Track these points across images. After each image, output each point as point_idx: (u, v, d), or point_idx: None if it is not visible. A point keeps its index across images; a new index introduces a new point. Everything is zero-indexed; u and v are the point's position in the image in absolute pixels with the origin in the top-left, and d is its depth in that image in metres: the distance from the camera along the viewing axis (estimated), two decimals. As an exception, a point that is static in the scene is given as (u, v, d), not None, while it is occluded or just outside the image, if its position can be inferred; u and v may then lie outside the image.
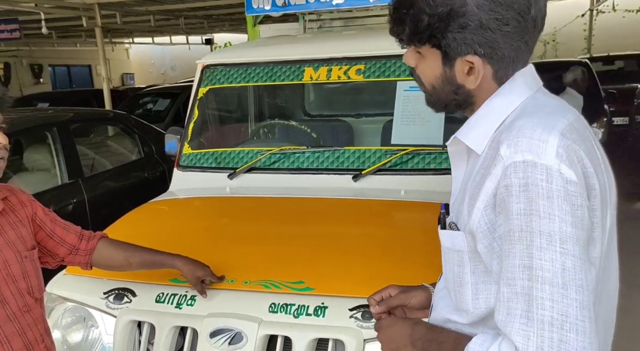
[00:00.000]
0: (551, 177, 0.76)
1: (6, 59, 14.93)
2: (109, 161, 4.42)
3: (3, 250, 1.29)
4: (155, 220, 2.23)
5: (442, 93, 0.94)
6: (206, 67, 2.69)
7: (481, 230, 0.84)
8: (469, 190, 0.89)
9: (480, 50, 0.86)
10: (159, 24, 10.56)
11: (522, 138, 0.79)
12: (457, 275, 0.92)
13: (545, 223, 0.76)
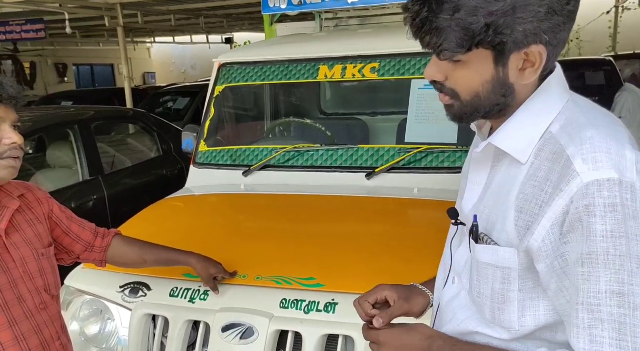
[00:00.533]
0: (636, 196, 0.72)
1: (32, 58, 15.25)
2: (129, 159, 4.50)
3: (20, 248, 1.29)
4: (170, 216, 2.26)
5: (486, 100, 0.83)
6: (222, 66, 2.72)
7: (545, 250, 0.77)
8: (515, 202, 0.81)
9: (545, 38, 0.77)
10: (179, 24, 10.68)
11: (600, 153, 0.73)
12: (499, 292, 0.84)
13: (635, 245, 0.71)
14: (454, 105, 0.86)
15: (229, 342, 1.60)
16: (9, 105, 1.21)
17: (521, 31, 0.76)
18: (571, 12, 0.78)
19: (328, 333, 1.56)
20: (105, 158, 4.25)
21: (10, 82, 1.22)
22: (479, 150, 0.89)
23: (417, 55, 2.30)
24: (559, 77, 0.85)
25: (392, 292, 1.03)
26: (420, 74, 2.30)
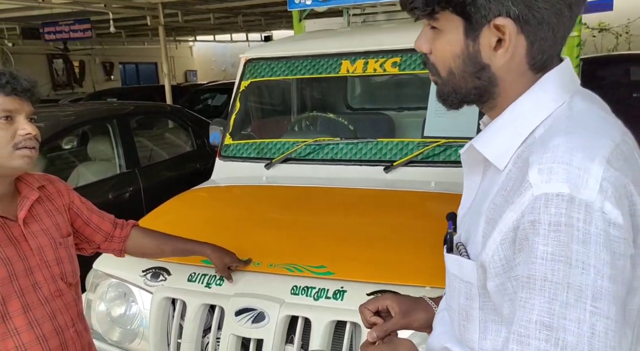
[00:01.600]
0: (591, 217, 0.61)
1: (81, 57, 15.89)
2: (164, 152, 4.67)
3: (38, 237, 1.33)
4: (194, 206, 2.36)
5: (461, 79, 0.76)
6: (248, 61, 2.80)
7: (494, 266, 0.70)
8: (486, 212, 0.74)
9: (513, 10, 0.68)
10: (219, 22, 10.91)
11: (558, 164, 0.63)
12: (464, 308, 0.78)
13: (577, 273, 0.61)
14: (437, 82, 0.81)
15: (241, 325, 1.67)
16: (24, 97, 1.25)
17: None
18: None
19: (336, 319, 1.60)
20: (143, 152, 4.42)
21: (25, 75, 1.27)
22: (462, 151, 0.82)
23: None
24: (560, 74, 0.74)
25: (393, 303, 0.99)
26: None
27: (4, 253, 1.25)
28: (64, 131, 4.02)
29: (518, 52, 0.72)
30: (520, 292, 0.66)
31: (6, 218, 1.29)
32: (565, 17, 0.71)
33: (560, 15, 0.70)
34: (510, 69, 0.74)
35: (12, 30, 11.27)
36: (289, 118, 3.08)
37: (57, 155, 4.60)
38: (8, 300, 1.24)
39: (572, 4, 0.70)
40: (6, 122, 1.23)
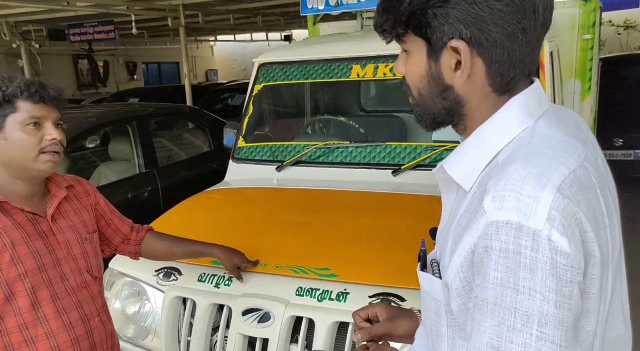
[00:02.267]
0: (538, 245, 0.63)
1: (106, 57, 16.21)
2: (183, 153, 4.76)
3: (66, 232, 1.43)
4: (206, 207, 2.43)
5: (429, 100, 0.80)
6: (262, 66, 2.86)
7: (456, 287, 0.73)
8: (453, 232, 0.76)
9: (466, 33, 0.72)
10: (239, 23, 11.02)
11: (509, 193, 0.65)
12: (434, 325, 0.81)
13: (524, 300, 0.63)
14: (413, 104, 0.84)
15: (248, 325, 1.72)
16: (51, 105, 1.35)
17: (432, 15, 0.73)
18: (503, 14, 0.70)
19: (339, 320, 1.64)
20: (162, 152, 4.52)
21: (52, 84, 1.37)
22: (435, 171, 0.84)
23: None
24: (525, 99, 0.76)
25: (382, 310, 1.05)
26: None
27: (34, 247, 1.34)
28: (86, 132, 4.14)
29: (477, 74, 0.75)
30: (476, 314, 0.69)
31: (36, 215, 1.38)
32: (520, 41, 0.72)
33: (513, 38, 0.72)
34: (473, 90, 0.76)
35: (39, 32, 11.56)
36: (301, 122, 3.13)
37: (80, 155, 4.74)
38: (38, 289, 1.33)
39: (527, 28, 0.72)
40: (35, 128, 1.32)
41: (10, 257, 1.29)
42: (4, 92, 1.31)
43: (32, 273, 1.32)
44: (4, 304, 1.30)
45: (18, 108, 1.31)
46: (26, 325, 1.32)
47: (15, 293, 1.30)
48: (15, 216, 1.34)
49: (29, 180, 1.37)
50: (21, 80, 1.34)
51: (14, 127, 1.31)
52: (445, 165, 0.80)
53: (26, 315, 1.32)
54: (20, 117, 1.31)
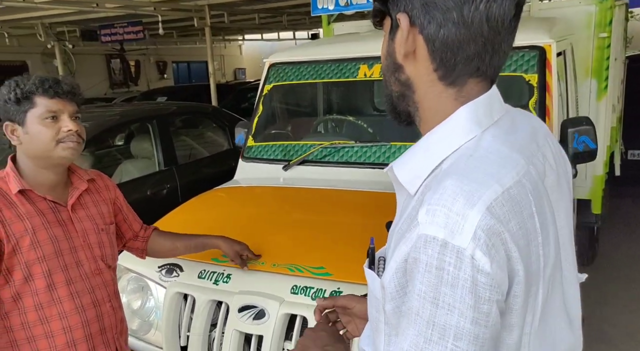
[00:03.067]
0: (461, 263, 0.64)
1: (137, 56, 16.58)
2: (202, 151, 4.84)
3: (84, 221, 1.53)
4: (212, 205, 2.48)
5: (388, 81, 0.82)
6: (272, 65, 2.89)
7: (390, 291, 0.74)
8: (396, 234, 0.76)
9: (409, 6, 0.74)
10: (264, 22, 11.11)
11: (440, 208, 0.66)
12: (374, 320, 0.83)
13: (442, 314, 0.65)
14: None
15: (243, 322, 1.76)
16: (66, 99, 1.44)
17: None
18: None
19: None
20: (182, 150, 4.61)
21: (67, 79, 1.47)
22: (385, 171, 0.84)
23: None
24: (474, 108, 0.75)
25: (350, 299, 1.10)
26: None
27: (53, 233, 1.44)
28: (108, 130, 4.26)
29: (420, 53, 0.76)
30: (402, 320, 0.71)
31: (58, 204, 1.48)
32: (453, 21, 0.72)
33: (447, 17, 0.72)
34: (420, 73, 0.77)
35: (73, 32, 11.91)
36: (310, 121, 3.15)
37: (105, 152, 4.87)
38: (54, 272, 1.43)
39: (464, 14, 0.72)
40: (52, 121, 1.41)
41: (31, 240, 1.39)
42: (22, 89, 1.40)
43: (49, 257, 1.42)
44: (22, 284, 1.39)
45: (35, 103, 1.40)
46: (41, 305, 1.42)
47: (33, 275, 1.40)
48: (38, 203, 1.44)
49: (53, 169, 1.47)
50: (36, 77, 1.43)
51: (34, 121, 1.40)
52: (394, 166, 0.81)
53: (42, 295, 1.41)
54: (38, 111, 1.40)
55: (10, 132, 1.43)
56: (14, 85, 1.41)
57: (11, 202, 1.40)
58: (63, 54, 12.39)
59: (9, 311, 1.40)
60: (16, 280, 1.39)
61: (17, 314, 1.41)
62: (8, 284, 1.39)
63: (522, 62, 2.29)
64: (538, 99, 2.23)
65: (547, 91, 2.23)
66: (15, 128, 1.42)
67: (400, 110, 0.83)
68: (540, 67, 2.25)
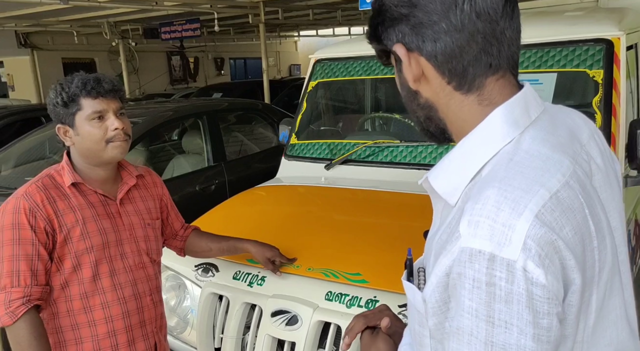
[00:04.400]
0: (513, 276, 0.60)
1: (196, 53, 17.00)
2: (251, 147, 4.86)
3: (131, 216, 1.58)
4: (252, 204, 2.44)
5: (411, 110, 0.82)
6: (317, 62, 2.82)
7: (432, 307, 0.70)
8: (435, 244, 0.73)
9: (399, 35, 0.74)
10: (319, 17, 11.05)
11: (484, 219, 0.62)
12: (417, 335, 0.79)
13: (500, 332, 0.61)
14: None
15: (276, 327, 1.70)
16: (110, 97, 1.47)
17: (379, 27, 0.76)
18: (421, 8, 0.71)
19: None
20: (231, 146, 4.64)
21: (107, 78, 1.49)
22: (420, 183, 0.81)
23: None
24: (509, 109, 0.72)
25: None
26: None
27: (102, 225, 1.50)
28: (161, 126, 4.34)
29: (429, 73, 0.74)
30: (452, 340, 0.66)
31: (107, 197, 1.54)
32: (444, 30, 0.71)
33: (437, 30, 0.71)
34: (435, 91, 0.76)
35: (136, 31, 12.36)
36: (355, 119, 3.05)
37: (159, 147, 4.99)
38: (99, 263, 1.49)
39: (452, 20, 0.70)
40: (99, 121, 1.46)
41: (81, 231, 1.45)
42: (67, 92, 1.45)
43: (97, 248, 1.48)
44: (71, 273, 1.46)
45: (81, 105, 1.45)
46: (86, 294, 1.48)
47: (81, 264, 1.46)
48: (89, 196, 1.50)
49: (103, 166, 1.52)
50: (79, 79, 1.46)
51: (82, 122, 1.45)
52: (430, 177, 0.78)
53: (87, 285, 1.47)
54: (85, 112, 1.45)
55: (63, 134, 1.49)
56: (60, 89, 1.46)
57: (65, 193, 1.47)
58: (127, 51, 12.89)
59: (57, 297, 1.46)
60: (66, 268, 1.45)
61: (64, 301, 1.47)
62: (59, 272, 1.45)
63: (586, 57, 2.10)
64: (603, 97, 2.04)
65: (613, 88, 2.03)
66: (67, 130, 1.48)
67: (433, 131, 0.81)
68: (607, 62, 2.06)
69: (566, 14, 2.50)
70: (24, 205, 1.40)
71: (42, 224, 1.41)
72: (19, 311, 1.37)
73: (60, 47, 13.14)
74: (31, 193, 1.43)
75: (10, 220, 1.40)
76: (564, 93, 2.22)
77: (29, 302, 1.39)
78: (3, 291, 1.40)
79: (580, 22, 2.25)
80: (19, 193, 1.44)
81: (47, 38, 12.97)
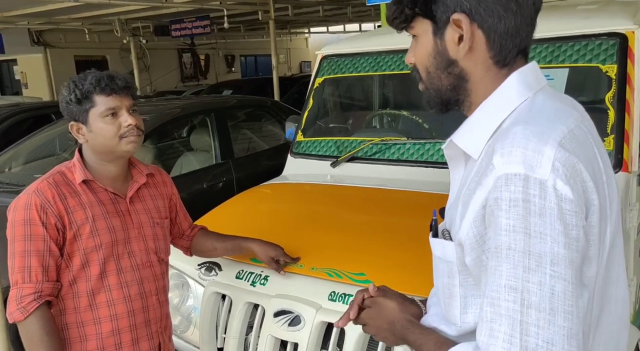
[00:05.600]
0: (545, 193, 0.70)
1: (207, 50, 17.01)
2: (259, 145, 4.83)
3: (140, 214, 1.58)
4: (257, 202, 2.41)
5: (435, 76, 0.87)
6: (324, 58, 2.78)
7: (469, 242, 0.79)
8: (462, 197, 0.83)
9: (466, 4, 0.80)
10: (330, 14, 10.99)
11: (515, 148, 0.72)
12: (447, 287, 0.88)
13: (536, 242, 0.70)
14: (423, 88, 0.91)
15: (278, 327, 1.68)
16: (122, 94, 1.48)
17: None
18: None
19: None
20: (239, 144, 4.61)
21: (120, 75, 1.50)
22: (444, 147, 0.92)
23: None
24: (524, 74, 0.84)
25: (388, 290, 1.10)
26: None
27: (111, 223, 1.50)
28: (169, 123, 4.34)
29: (478, 45, 0.83)
30: (490, 261, 0.74)
31: (117, 195, 1.55)
32: (514, 11, 0.80)
33: (507, 8, 0.80)
34: (475, 63, 0.84)
35: (147, 28, 12.37)
36: (362, 116, 3.01)
37: (167, 144, 4.98)
38: (107, 261, 1.49)
39: (519, 0, 0.80)
40: (112, 117, 1.47)
41: (90, 229, 1.46)
42: (81, 89, 1.45)
43: (105, 246, 1.48)
44: (79, 270, 1.46)
45: (95, 102, 1.46)
46: (92, 291, 1.48)
47: (90, 262, 1.47)
48: (99, 194, 1.51)
49: (116, 161, 1.53)
50: (92, 76, 1.46)
51: (96, 119, 1.46)
52: (455, 138, 0.88)
53: (94, 282, 1.48)
54: (99, 109, 1.46)
55: (76, 131, 1.50)
56: (73, 87, 1.46)
57: (75, 190, 1.48)
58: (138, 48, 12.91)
59: (65, 294, 1.47)
60: (75, 265, 1.46)
61: (71, 297, 1.47)
62: (68, 268, 1.46)
63: (599, 51, 2.03)
64: (616, 93, 1.98)
65: (627, 84, 1.96)
66: (80, 127, 1.49)
67: (448, 100, 0.89)
68: (621, 57, 1.99)
69: (579, 7, 2.43)
70: (36, 201, 1.41)
71: (53, 220, 1.42)
72: (31, 307, 1.38)
73: (73, 44, 13.22)
74: (42, 189, 1.44)
75: (22, 216, 1.42)
76: (576, 89, 2.16)
77: (40, 298, 1.40)
78: (15, 287, 1.41)
79: (593, 16, 2.19)
80: (30, 190, 1.45)
81: (60, 36, 13.05)
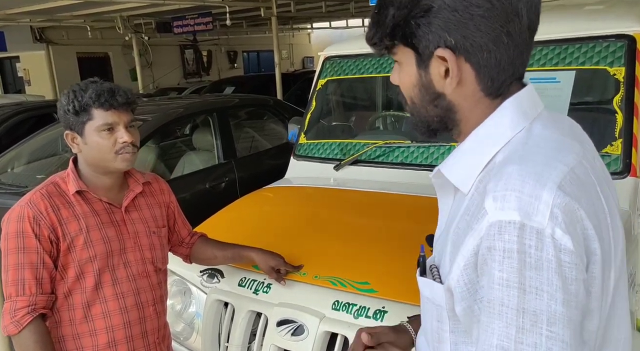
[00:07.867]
0: (542, 243, 0.63)
1: (209, 47, 16.97)
2: (262, 144, 4.80)
3: (136, 223, 1.55)
4: (259, 206, 2.39)
5: (421, 107, 0.80)
6: (327, 59, 2.75)
7: (460, 290, 0.72)
8: (452, 235, 0.76)
9: (450, 40, 0.72)
10: (332, 9, 10.93)
11: (510, 192, 0.65)
12: (436, 331, 0.81)
13: (531, 299, 0.63)
14: (409, 112, 0.85)
15: (281, 337, 1.66)
16: (121, 109, 1.45)
17: (414, 26, 0.74)
18: (484, 18, 0.70)
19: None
20: (242, 143, 4.59)
21: (121, 90, 1.46)
22: (431, 176, 0.85)
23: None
24: (519, 101, 0.76)
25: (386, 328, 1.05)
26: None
27: (106, 233, 1.48)
28: (171, 123, 4.31)
29: (467, 79, 0.75)
30: (482, 316, 0.68)
31: (112, 205, 1.52)
32: (506, 44, 0.72)
33: (498, 42, 0.72)
34: (464, 96, 0.77)
35: (149, 24, 12.35)
36: (366, 118, 2.98)
37: (170, 144, 4.96)
38: (102, 272, 1.47)
39: (511, 32, 0.71)
40: (108, 132, 1.44)
41: (84, 240, 1.43)
42: (80, 101, 1.42)
43: (100, 257, 1.45)
44: (74, 281, 1.44)
45: (93, 115, 1.43)
46: (88, 303, 1.46)
47: (84, 273, 1.44)
48: (94, 204, 1.48)
49: (110, 175, 1.51)
50: (93, 90, 1.43)
51: (91, 132, 1.44)
52: (443, 168, 0.81)
53: (89, 293, 1.45)
54: (95, 123, 1.43)
55: (71, 140, 1.48)
56: (72, 97, 1.43)
57: (69, 201, 1.45)
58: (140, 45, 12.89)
59: (60, 306, 1.45)
60: (69, 277, 1.43)
61: (67, 309, 1.45)
62: (63, 280, 1.44)
63: (607, 54, 2.00)
64: (625, 96, 1.94)
65: (635, 87, 1.93)
66: (75, 137, 1.47)
67: (435, 129, 0.83)
68: (629, 59, 1.96)
69: (586, 8, 2.39)
70: (28, 214, 1.39)
71: (46, 232, 1.40)
72: (24, 320, 1.36)
73: (75, 41, 13.20)
74: (35, 201, 1.42)
75: (15, 228, 1.40)
76: (583, 92, 2.13)
77: (34, 311, 1.38)
78: (8, 300, 1.39)
79: (601, 17, 2.15)
80: (23, 201, 1.43)
81: (62, 33, 13.04)
